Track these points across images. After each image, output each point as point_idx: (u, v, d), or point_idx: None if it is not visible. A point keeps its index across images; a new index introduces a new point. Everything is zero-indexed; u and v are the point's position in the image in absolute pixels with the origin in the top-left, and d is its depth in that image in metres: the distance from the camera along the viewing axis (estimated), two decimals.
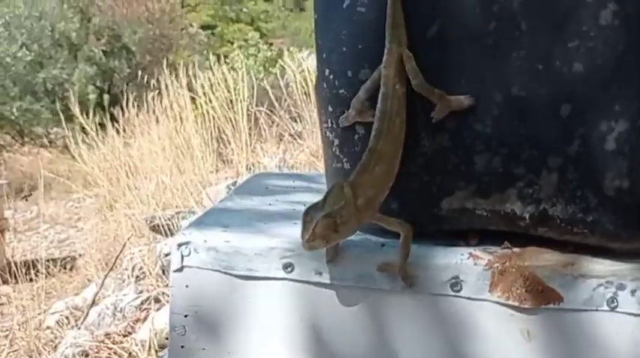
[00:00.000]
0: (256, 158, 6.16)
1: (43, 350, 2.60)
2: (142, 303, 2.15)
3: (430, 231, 0.51)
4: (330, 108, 0.49)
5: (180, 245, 0.57)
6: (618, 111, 0.42)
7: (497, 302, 0.45)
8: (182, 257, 0.57)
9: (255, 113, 7.06)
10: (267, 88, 6.43)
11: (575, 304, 0.45)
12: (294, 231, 0.53)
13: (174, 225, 3.40)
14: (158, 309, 2.12)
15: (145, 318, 2.06)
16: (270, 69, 9.71)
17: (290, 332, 0.54)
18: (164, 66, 6.62)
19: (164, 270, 2.55)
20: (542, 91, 0.44)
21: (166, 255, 2.65)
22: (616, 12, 0.41)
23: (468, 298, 0.46)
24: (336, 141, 0.49)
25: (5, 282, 4.08)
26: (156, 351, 1.84)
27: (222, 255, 0.56)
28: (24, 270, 3.86)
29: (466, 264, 0.47)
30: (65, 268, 4.26)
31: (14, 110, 8.28)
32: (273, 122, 6.45)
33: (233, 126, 5.65)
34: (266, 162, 5.40)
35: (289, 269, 0.53)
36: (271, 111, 6.53)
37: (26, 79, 8.75)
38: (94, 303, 2.31)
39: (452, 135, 0.46)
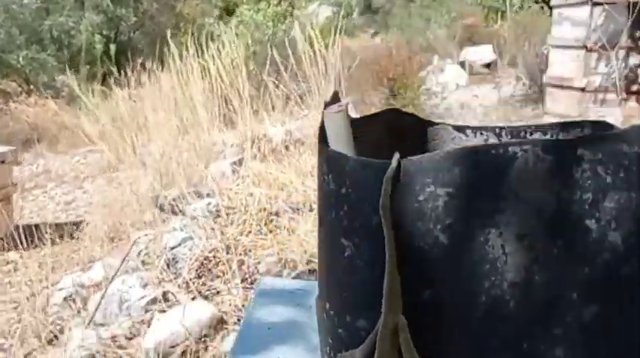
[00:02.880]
0: (260, 125, 6.17)
1: (51, 332, 2.71)
2: (147, 304, 2.24)
3: None
4: (329, 340, 0.53)
5: None
6: None
7: None
8: None
9: (260, 73, 7.04)
10: (274, 49, 6.36)
11: None
12: None
13: (179, 205, 3.47)
14: (162, 310, 2.21)
15: (150, 320, 2.15)
16: (279, 24, 9.55)
17: None
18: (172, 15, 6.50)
19: (169, 264, 2.63)
20: None
21: (172, 248, 2.73)
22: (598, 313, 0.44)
23: None
24: None
25: (13, 248, 4.18)
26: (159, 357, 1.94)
27: None
28: (30, 236, 3.95)
29: None
30: (72, 236, 4.35)
31: (20, 59, 8.22)
32: (279, 82, 6.43)
33: (238, 91, 5.61)
34: (271, 133, 5.39)
35: None
36: (277, 72, 6.51)
37: (32, 26, 8.63)
38: (102, 299, 2.40)
39: None
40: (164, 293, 2.32)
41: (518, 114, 6.30)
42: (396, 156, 0.48)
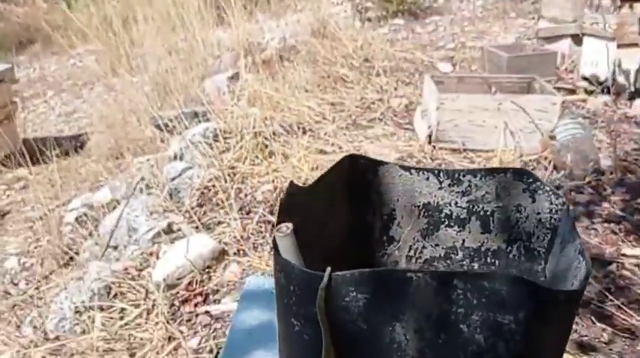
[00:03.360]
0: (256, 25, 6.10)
1: (66, 253, 2.97)
2: (154, 237, 2.46)
3: None
4: None
5: None
6: None
7: None
8: None
9: None
10: None
11: None
12: None
13: (176, 126, 3.61)
14: (171, 241, 2.44)
15: (157, 252, 2.39)
16: None
17: None
18: None
19: (171, 194, 2.83)
20: None
21: (173, 178, 2.92)
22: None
23: None
24: None
25: (21, 165, 4.36)
26: (168, 287, 2.20)
27: None
28: (37, 152, 4.12)
29: None
30: (76, 151, 4.53)
31: None
32: None
33: None
34: (265, 40, 5.37)
35: None
36: None
37: None
38: (112, 234, 2.62)
39: None
40: (169, 224, 2.54)
41: (516, 9, 6.19)
42: (328, 271, 0.64)
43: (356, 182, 0.94)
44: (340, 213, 0.95)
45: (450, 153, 3.01)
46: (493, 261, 0.95)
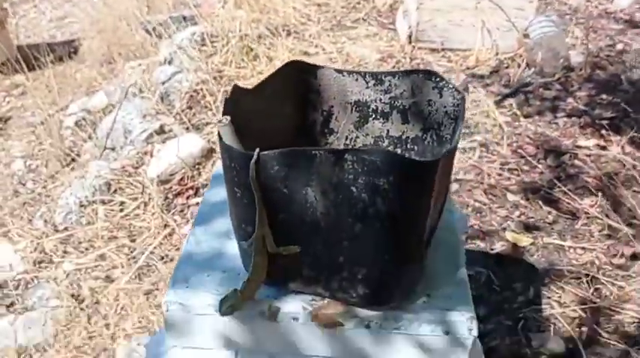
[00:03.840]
0: None
1: (68, 155, 3.19)
2: (147, 137, 2.66)
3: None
4: (236, 236, 0.96)
5: None
6: None
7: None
8: None
9: None
10: None
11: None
12: None
13: (165, 30, 3.70)
14: (163, 141, 2.64)
15: (152, 151, 2.60)
16: None
17: None
18: None
19: (162, 97, 3.00)
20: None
21: (163, 82, 3.07)
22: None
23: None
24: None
25: (17, 71, 4.48)
26: (162, 183, 2.43)
27: None
28: (31, 58, 4.24)
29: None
30: (70, 57, 4.62)
31: None
32: None
33: None
34: None
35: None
36: None
37: None
38: (108, 136, 2.82)
39: (292, 262, 0.94)
40: (161, 126, 2.73)
41: None
42: (257, 151, 0.85)
43: (299, 84, 1.12)
44: (286, 110, 1.13)
45: (429, 53, 3.13)
46: (412, 147, 1.14)
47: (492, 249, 2.03)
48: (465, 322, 0.95)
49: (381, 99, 1.12)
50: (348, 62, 3.10)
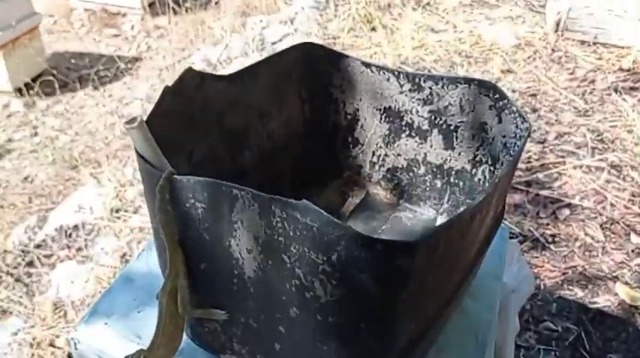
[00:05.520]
0: None
1: None
2: None
3: None
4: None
5: None
6: None
7: None
8: None
9: None
10: None
11: None
12: None
13: None
14: None
15: None
16: None
17: None
18: None
19: None
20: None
21: (273, 43, 2.92)
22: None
23: None
24: None
25: (162, 13, 4.59)
26: None
27: None
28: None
29: None
30: (217, 3, 4.65)
31: None
32: None
33: None
34: None
35: None
36: None
37: None
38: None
39: (221, 329, 0.71)
40: None
41: None
42: (168, 172, 0.61)
43: (313, 74, 0.86)
44: (290, 105, 0.88)
45: (576, 45, 2.64)
46: (457, 181, 0.84)
47: (593, 303, 1.64)
48: None
49: (418, 112, 0.83)
50: (477, 45, 2.71)
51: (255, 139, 0.83)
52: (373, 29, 2.87)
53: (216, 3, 4.78)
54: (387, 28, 2.89)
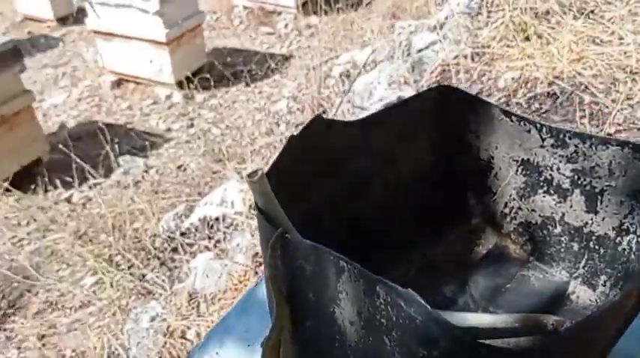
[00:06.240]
0: None
1: (321, 106, 3.25)
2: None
3: None
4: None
5: None
6: None
7: None
8: None
9: None
10: None
11: None
12: None
13: None
14: None
15: None
16: None
17: None
18: None
19: (414, 66, 2.79)
20: None
21: (419, 50, 2.86)
22: None
23: None
24: None
25: (314, 13, 4.71)
26: None
27: None
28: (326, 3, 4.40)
29: None
30: (367, 4, 4.67)
31: None
32: None
33: None
34: None
35: None
36: None
37: None
38: (349, 89, 2.75)
39: None
40: (398, 98, 2.55)
41: None
42: (280, 230, 0.60)
43: (448, 118, 0.82)
44: (420, 149, 0.84)
45: None
46: (597, 247, 0.75)
47: None
48: None
49: (559, 169, 0.75)
50: None
51: (379, 182, 0.81)
52: (527, 38, 2.69)
53: (367, 4, 4.80)
54: (543, 38, 2.70)
